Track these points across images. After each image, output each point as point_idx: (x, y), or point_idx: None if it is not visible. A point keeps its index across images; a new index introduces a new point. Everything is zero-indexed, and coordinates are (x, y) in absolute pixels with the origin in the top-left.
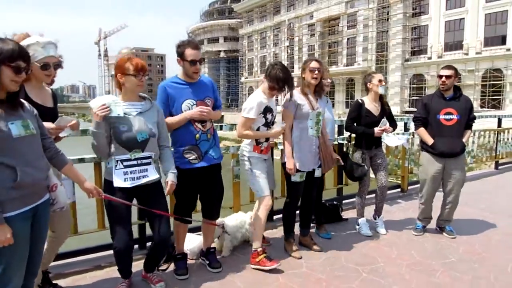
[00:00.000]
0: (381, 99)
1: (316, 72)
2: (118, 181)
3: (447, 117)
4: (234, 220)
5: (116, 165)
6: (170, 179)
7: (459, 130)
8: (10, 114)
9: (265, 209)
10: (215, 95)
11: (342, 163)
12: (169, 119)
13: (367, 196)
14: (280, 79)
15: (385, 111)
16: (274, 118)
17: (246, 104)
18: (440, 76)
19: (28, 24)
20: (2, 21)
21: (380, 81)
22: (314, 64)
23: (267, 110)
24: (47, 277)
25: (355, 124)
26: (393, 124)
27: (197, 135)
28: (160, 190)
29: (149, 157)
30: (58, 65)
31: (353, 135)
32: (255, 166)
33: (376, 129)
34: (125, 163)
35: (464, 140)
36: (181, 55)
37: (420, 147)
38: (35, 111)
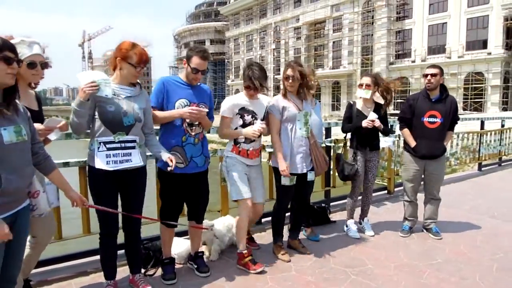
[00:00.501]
0: (377, 103)
1: (290, 80)
2: (100, 163)
3: (431, 120)
4: (222, 224)
5: (98, 147)
6: (168, 156)
7: (441, 133)
8: (3, 119)
9: (245, 212)
10: (210, 105)
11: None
12: (160, 113)
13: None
14: (253, 77)
15: (379, 113)
16: (257, 120)
17: (222, 103)
18: (426, 75)
19: (9, 24)
20: None
21: (360, 85)
22: (288, 72)
23: (245, 111)
24: (28, 285)
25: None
26: (385, 128)
27: (184, 137)
28: (143, 180)
29: (134, 141)
30: (45, 64)
31: (348, 137)
32: (231, 167)
33: (364, 121)
34: (108, 146)
35: (445, 142)
36: (188, 59)
37: (403, 147)
38: (29, 114)
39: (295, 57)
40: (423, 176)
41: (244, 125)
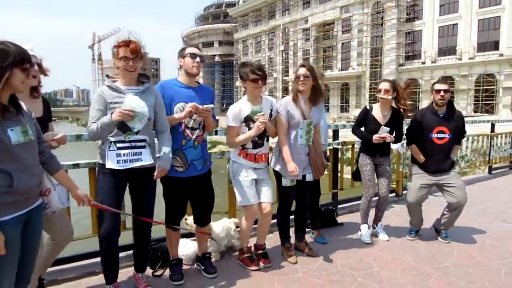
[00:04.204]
0: (397, 109)
1: (302, 78)
2: (110, 163)
3: (440, 135)
4: (221, 227)
5: (109, 147)
6: (159, 164)
7: (449, 148)
8: (10, 120)
9: (249, 218)
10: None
11: (328, 166)
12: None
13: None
14: (255, 67)
15: (394, 122)
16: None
17: (227, 112)
18: (438, 91)
19: (20, 27)
20: None
21: (379, 91)
22: (300, 71)
23: (250, 119)
24: (41, 284)
25: (362, 129)
26: (399, 136)
27: (184, 141)
28: (152, 180)
29: (144, 140)
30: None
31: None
32: (236, 172)
33: (375, 136)
34: (118, 145)
35: (452, 156)
36: (182, 53)
37: (411, 159)
38: (33, 114)
39: (304, 58)
40: (433, 188)
41: None
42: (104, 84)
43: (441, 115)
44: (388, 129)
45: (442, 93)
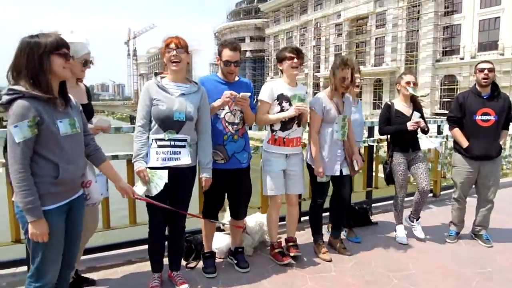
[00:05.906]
0: (414, 100)
1: (347, 82)
2: (149, 159)
3: (484, 118)
4: (254, 222)
5: (151, 144)
6: (204, 175)
7: (496, 132)
8: (59, 112)
9: (273, 209)
10: (251, 98)
11: (358, 167)
12: None
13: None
14: (291, 47)
15: (418, 111)
16: None
17: (262, 88)
18: (482, 70)
19: (57, 22)
20: (31, 19)
21: (407, 83)
22: (348, 74)
23: (283, 98)
24: (76, 273)
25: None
26: (426, 125)
27: (225, 136)
28: (190, 178)
29: (184, 140)
30: (91, 61)
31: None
32: (266, 162)
33: (409, 123)
34: (158, 143)
35: (500, 142)
36: (219, 54)
37: (453, 147)
38: (81, 108)
39: (336, 54)
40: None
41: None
42: (152, 80)
43: (484, 97)
44: (420, 114)
45: (486, 71)
